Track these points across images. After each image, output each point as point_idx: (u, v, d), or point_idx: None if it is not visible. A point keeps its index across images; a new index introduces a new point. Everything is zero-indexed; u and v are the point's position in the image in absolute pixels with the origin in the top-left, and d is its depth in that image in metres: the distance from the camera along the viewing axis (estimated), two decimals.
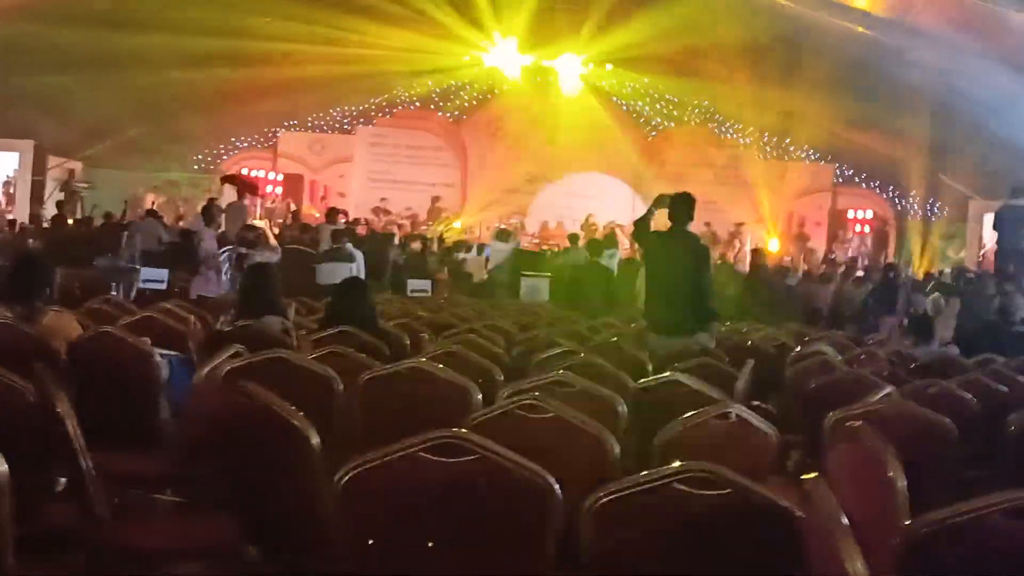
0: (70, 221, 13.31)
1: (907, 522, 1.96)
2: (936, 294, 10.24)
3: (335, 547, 2.08)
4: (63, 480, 2.80)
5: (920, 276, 13.72)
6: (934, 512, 1.81)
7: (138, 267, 9.74)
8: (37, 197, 15.48)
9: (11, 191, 15.72)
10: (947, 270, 13.80)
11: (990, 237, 13.00)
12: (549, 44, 17.50)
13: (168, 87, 15.04)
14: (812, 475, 1.86)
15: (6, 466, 1.88)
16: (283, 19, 14.45)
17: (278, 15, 14.39)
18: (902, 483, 2.25)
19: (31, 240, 11.64)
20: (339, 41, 15.43)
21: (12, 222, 13.57)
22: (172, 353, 3.81)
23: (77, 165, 16.35)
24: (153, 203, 14.54)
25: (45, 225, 13.54)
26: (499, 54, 17.64)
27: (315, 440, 2.39)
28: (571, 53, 17.64)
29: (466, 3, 15.40)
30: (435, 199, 17.67)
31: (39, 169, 15.57)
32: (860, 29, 13.21)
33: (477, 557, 2.03)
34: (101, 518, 2.51)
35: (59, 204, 13.69)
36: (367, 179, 18.41)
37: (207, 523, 2.76)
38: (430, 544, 2.02)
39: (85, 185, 15.71)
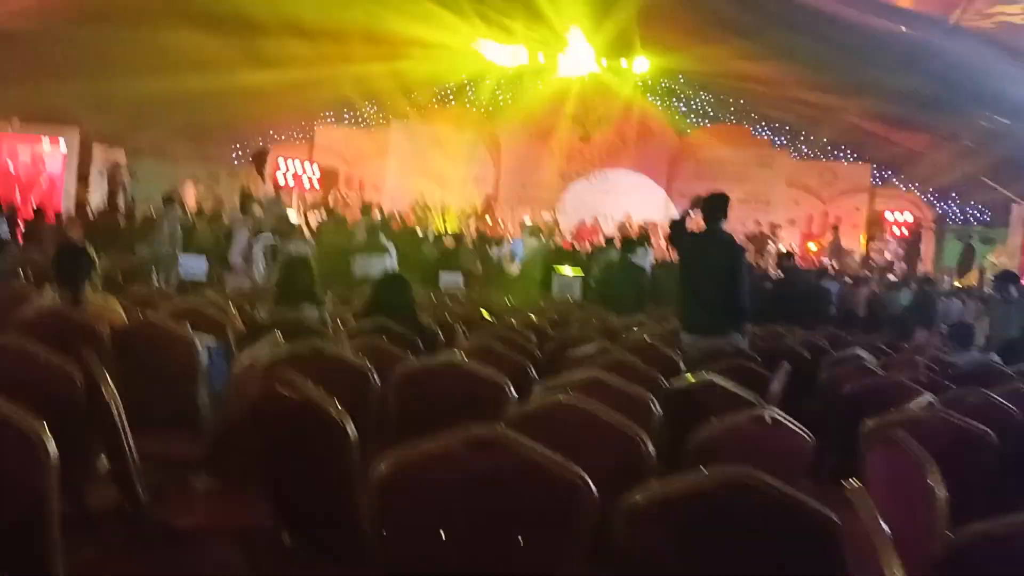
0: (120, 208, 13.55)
1: (948, 533, 1.94)
2: (977, 301, 10.08)
3: (368, 537, 2.10)
4: (106, 461, 2.86)
5: (959, 282, 13.50)
6: (977, 524, 1.79)
7: (177, 255, 9.89)
8: (82, 186, 15.76)
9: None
10: (989, 275, 13.57)
11: None
12: (582, 41, 17.44)
13: (209, 79, 15.22)
14: (853, 482, 1.85)
15: (55, 447, 1.93)
16: (319, 11, 14.54)
17: (312, 8, 14.49)
18: (943, 493, 2.23)
19: (75, 228, 11.85)
20: (374, 36, 15.50)
21: (58, 213, 13.83)
22: (211, 341, 3.86)
23: (121, 154, 16.61)
24: (198, 200, 14.74)
25: (89, 213, 13.80)
26: (534, 50, 17.62)
27: (351, 431, 2.42)
28: (607, 50, 17.57)
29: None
30: (490, 197, 17.71)
31: (84, 158, 15.85)
32: (902, 29, 12.99)
33: (510, 553, 2.04)
34: (142, 499, 2.56)
35: (110, 195, 13.93)
36: (402, 173, 18.52)
37: (243, 507, 2.81)
38: (463, 538, 2.03)
39: (128, 177, 15.98)
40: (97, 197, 15.71)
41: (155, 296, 5.58)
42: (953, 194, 17.81)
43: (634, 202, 17.62)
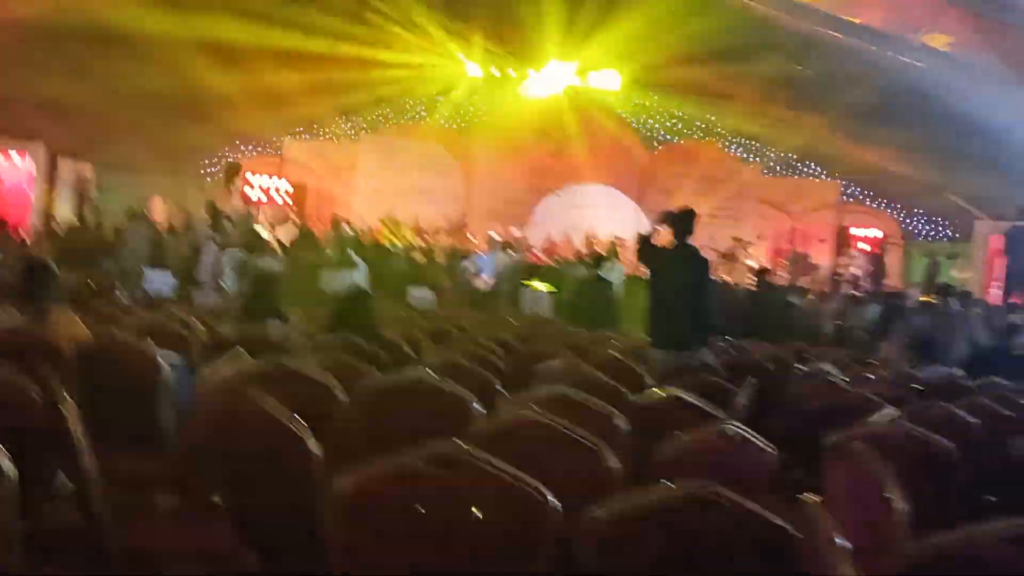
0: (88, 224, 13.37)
1: (906, 546, 1.96)
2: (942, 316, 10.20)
3: (333, 555, 2.09)
4: (66, 480, 2.81)
5: (924, 296, 13.69)
6: (934, 537, 1.81)
7: (143, 270, 9.79)
8: (49, 200, 15.56)
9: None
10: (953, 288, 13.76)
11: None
12: (553, 57, 17.56)
13: (175, 94, 15.13)
14: (810, 495, 1.87)
15: (12, 467, 1.90)
16: (288, 28, 14.50)
17: (282, 23, 14.45)
18: (902, 506, 2.25)
19: (41, 243, 11.70)
20: (343, 53, 15.49)
21: (23, 228, 13.62)
22: (175, 357, 3.82)
23: (88, 168, 16.44)
24: (167, 215, 14.61)
25: (55, 228, 13.62)
26: (504, 66, 17.71)
27: (315, 448, 2.41)
28: (575, 66, 17.70)
29: (472, 17, 15.46)
30: (461, 212, 17.69)
31: (51, 172, 15.66)
32: (866, 46, 13.24)
33: (474, 569, 2.03)
34: (102, 519, 2.52)
35: (77, 209, 13.75)
36: (372, 188, 18.48)
37: (207, 526, 2.77)
38: (427, 555, 2.02)
39: (96, 191, 15.81)
40: (64, 212, 15.52)
41: (119, 312, 5.51)
42: (919, 210, 18.11)
43: (604, 217, 17.70)
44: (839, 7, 13.08)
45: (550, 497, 1.95)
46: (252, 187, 16.75)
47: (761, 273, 12.20)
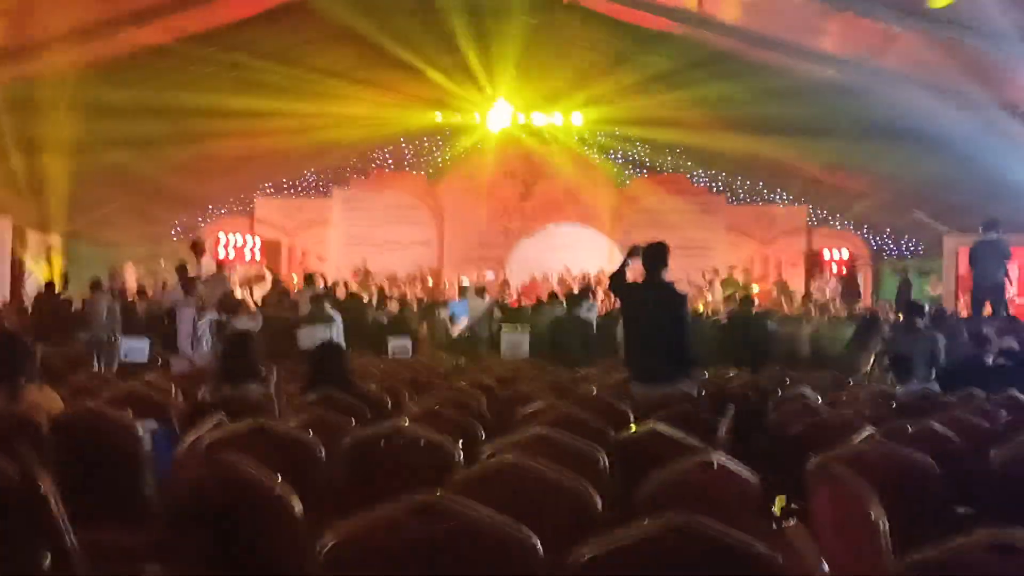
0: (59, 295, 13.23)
1: (890, 562, 1.98)
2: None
3: None
4: (48, 557, 2.76)
5: (894, 314, 13.84)
6: (917, 551, 1.83)
7: (118, 338, 9.71)
8: (17, 274, 15.43)
9: None
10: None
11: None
12: (521, 99, 17.80)
13: (144, 160, 15.15)
14: (792, 522, 1.89)
15: None
16: (254, 86, 14.60)
17: (250, 83, 14.55)
18: (884, 524, 2.28)
19: (10, 317, 11.57)
20: (311, 106, 15.61)
21: None
22: (154, 425, 3.79)
23: (56, 239, 16.35)
24: (139, 280, 14.52)
25: (26, 303, 13.48)
26: (471, 111, 17.92)
27: (298, 508, 2.40)
28: (542, 107, 17.94)
29: (438, 61, 15.67)
30: (438, 263, 17.69)
31: (18, 246, 15.55)
32: (829, 71, 13.53)
33: None
34: None
35: (48, 284, 13.61)
36: (344, 241, 18.52)
37: None
38: None
39: (64, 262, 15.70)
40: (32, 284, 15.40)
41: (95, 382, 5.45)
42: (887, 229, 18.39)
43: (578, 255, 17.85)
44: (794, 34, 13.39)
45: (536, 541, 1.95)
46: (224, 246, 16.71)
47: (746, 301, 12.28)
